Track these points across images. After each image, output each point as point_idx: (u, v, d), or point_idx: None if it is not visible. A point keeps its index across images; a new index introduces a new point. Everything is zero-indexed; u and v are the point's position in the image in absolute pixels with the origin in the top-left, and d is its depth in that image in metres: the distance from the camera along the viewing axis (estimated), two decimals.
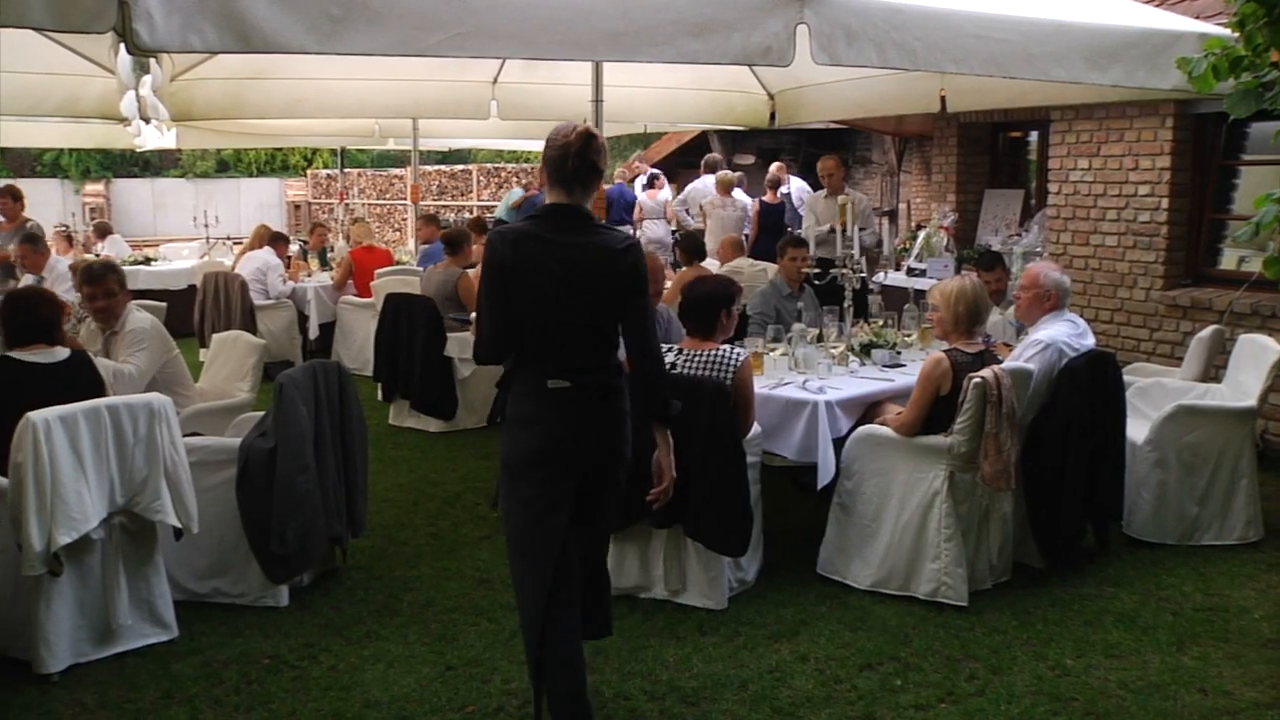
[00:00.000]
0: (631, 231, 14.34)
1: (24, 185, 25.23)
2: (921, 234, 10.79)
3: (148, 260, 13.64)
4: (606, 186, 7.93)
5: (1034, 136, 10.61)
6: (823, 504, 5.35)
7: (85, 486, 4.23)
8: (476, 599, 5.06)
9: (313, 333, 10.61)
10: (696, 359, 4.90)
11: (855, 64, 4.78)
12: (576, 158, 3.52)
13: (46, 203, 24.63)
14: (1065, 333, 5.44)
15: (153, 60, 7.09)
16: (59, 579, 4.25)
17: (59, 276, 8.86)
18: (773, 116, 9.10)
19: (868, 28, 4.71)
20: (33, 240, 9.10)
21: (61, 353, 4.71)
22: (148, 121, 9.02)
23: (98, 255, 12.21)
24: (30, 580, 4.19)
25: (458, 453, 7.62)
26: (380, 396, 8.56)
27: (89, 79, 7.27)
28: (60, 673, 4.28)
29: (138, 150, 18.46)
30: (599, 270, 3.53)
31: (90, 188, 28.32)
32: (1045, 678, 4.30)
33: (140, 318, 5.60)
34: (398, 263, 11.61)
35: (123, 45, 4.33)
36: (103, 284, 5.56)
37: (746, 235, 12.43)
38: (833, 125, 14.15)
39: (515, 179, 20.79)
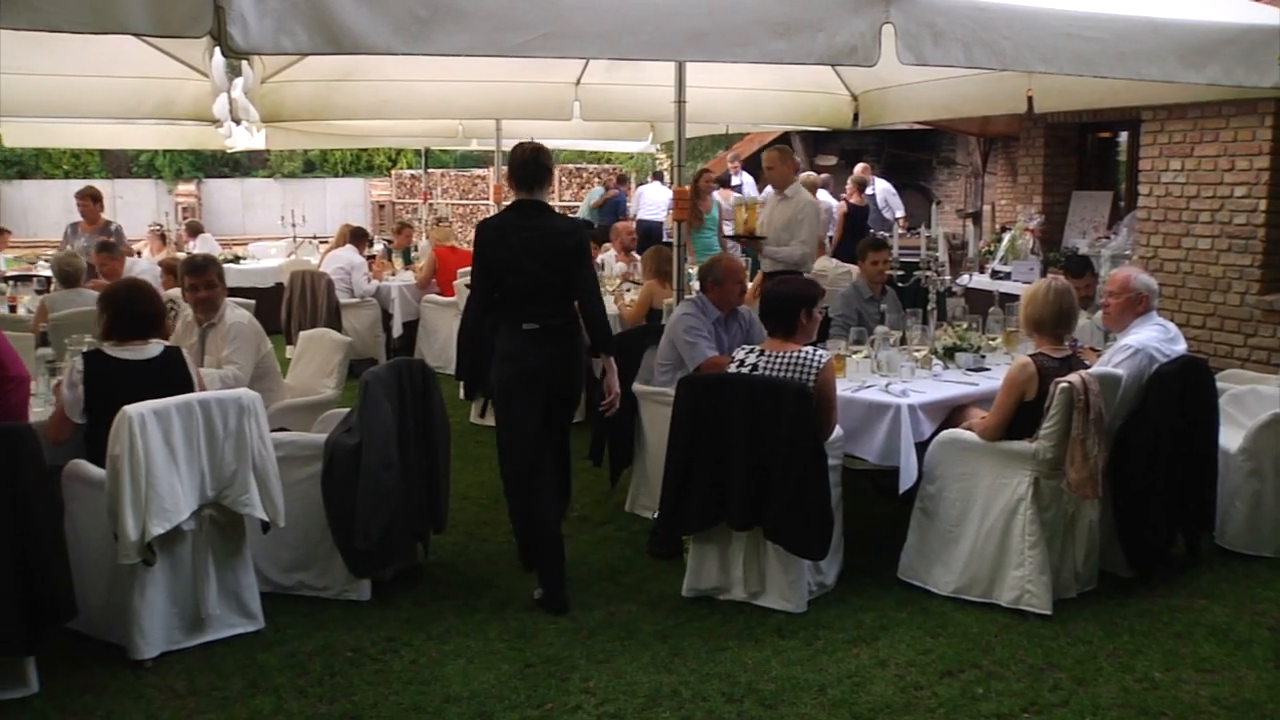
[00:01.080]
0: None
1: (120, 185, 25.98)
2: (1006, 236, 10.64)
3: (237, 259, 13.92)
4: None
5: (1124, 137, 10.41)
6: (904, 508, 5.29)
7: (177, 479, 4.34)
8: None
9: (396, 331, 10.75)
10: (778, 360, 4.88)
11: (942, 64, 4.71)
12: (533, 165, 5.11)
13: (142, 202, 25.33)
14: (1156, 338, 5.32)
15: (245, 63, 7.24)
16: (152, 568, 4.37)
17: (140, 274, 9.06)
18: (856, 117, 9.00)
19: (954, 27, 4.64)
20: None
21: (154, 349, 4.82)
22: (238, 123, 9.20)
23: (189, 254, 12.49)
24: (126, 569, 4.32)
25: None
26: (462, 395, 8.62)
27: (184, 82, 7.43)
28: (153, 659, 4.40)
29: (228, 151, 18.83)
30: (552, 246, 4.96)
31: (183, 188, 29.00)
32: (1132, 690, 4.21)
33: (238, 314, 5.71)
34: None
35: (217, 48, 4.44)
36: (204, 275, 5.68)
37: (830, 237, 12.35)
38: (916, 126, 14.00)
39: (597, 179, 20.86)
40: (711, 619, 4.84)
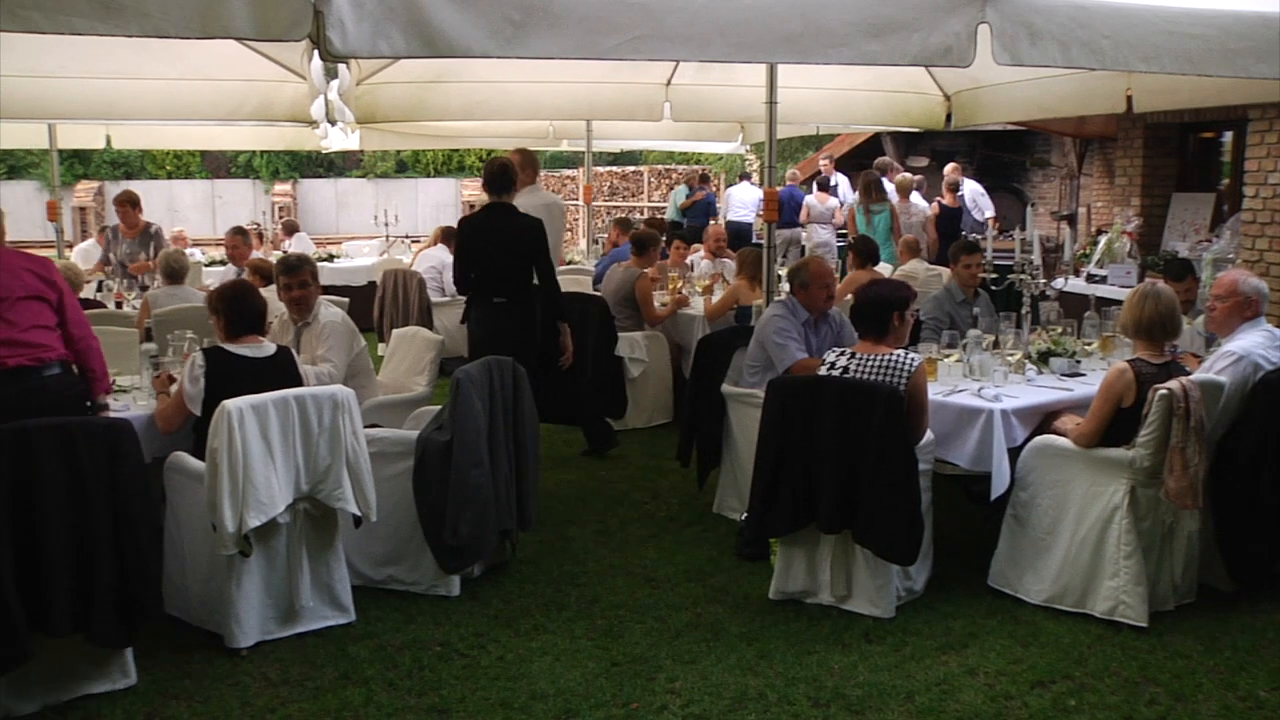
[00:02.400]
0: (801, 234, 14.25)
1: (220, 185, 26.57)
2: (1102, 239, 10.42)
3: (331, 257, 14.17)
4: (779, 189, 7.89)
5: (1228, 137, 10.13)
6: (995, 515, 5.21)
7: (273, 472, 4.44)
8: (642, 597, 5.10)
9: None
10: (869, 363, 4.84)
11: (1038, 64, 4.63)
12: (501, 175, 6.57)
13: (240, 202, 25.91)
14: (1261, 344, 5.17)
15: (342, 66, 7.38)
16: (248, 560, 4.47)
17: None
18: (948, 118, 8.90)
19: (1052, 26, 4.55)
20: (241, 233, 9.55)
21: (269, 347, 4.95)
22: (334, 124, 9.39)
23: (285, 252, 12.75)
24: (223, 560, 4.43)
25: (626, 451, 7.70)
26: None
27: (282, 85, 7.60)
28: (249, 648, 4.51)
29: (324, 152, 19.18)
30: (515, 238, 6.45)
31: (279, 188, 29.59)
32: (1235, 708, 4.09)
33: (332, 312, 5.81)
34: (569, 262, 11.79)
35: (316, 52, 4.53)
36: (299, 275, 5.78)
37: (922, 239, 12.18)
38: (1010, 126, 13.77)
39: (683, 179, 20.84)
40: (798, 622, 4.82)
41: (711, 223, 15.09)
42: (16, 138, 12.64)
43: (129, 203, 10.36)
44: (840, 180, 15.40)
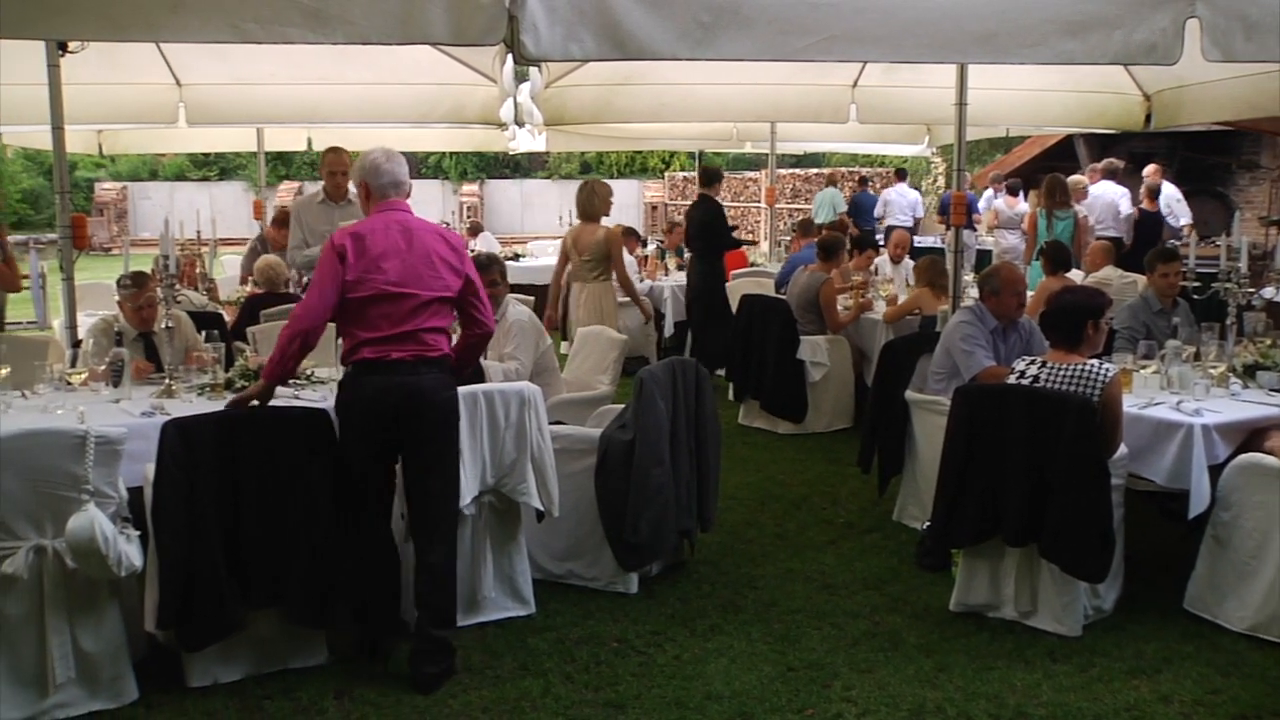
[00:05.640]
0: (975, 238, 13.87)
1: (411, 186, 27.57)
2: None
3: (516, 256, 14.49)
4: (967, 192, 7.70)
5: None
6: (1193, 534, 4.96)
7: (461, 465, 4.55)
8: (820, 602, 5.06)
9: (668, 330, 10.93)
10: (1060, 373, 4.68)
11: (1254, 59, 4.38)
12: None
13: (429, 201, 26.74)
14: None
15: (533, 69, 7.56)
16: None
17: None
18: (1148, 119, 8.53)
19: (1269, 18, 4.29)
20: None
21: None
22: (522, 126, 9.62)
23: (472, 252, 13.08)
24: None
25: (806, 455, 7.64)
26: (731, 396, 8.71)
27: (474, 88, 7.84)
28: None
29: (511, 153, 19.67)
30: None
31: (466, 188, 30.48)
32: None
33: (519, 310, 5.94)
34: (752, 264, 11.78)
35: (509, 56, 4.65)
36: (488, 274, 5.91)
37: (1121, 239, 11.66)
38: (1214, 126, 13.09)
39: (871, 183, 20.55)
40: (979, 636, 4.70)
41: (878, 225, 14.89)
42: (228, 141, 13.42)
43: (283, 222, 10.78)
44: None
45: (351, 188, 7.06)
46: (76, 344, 5.70)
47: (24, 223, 30.28)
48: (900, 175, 16.83)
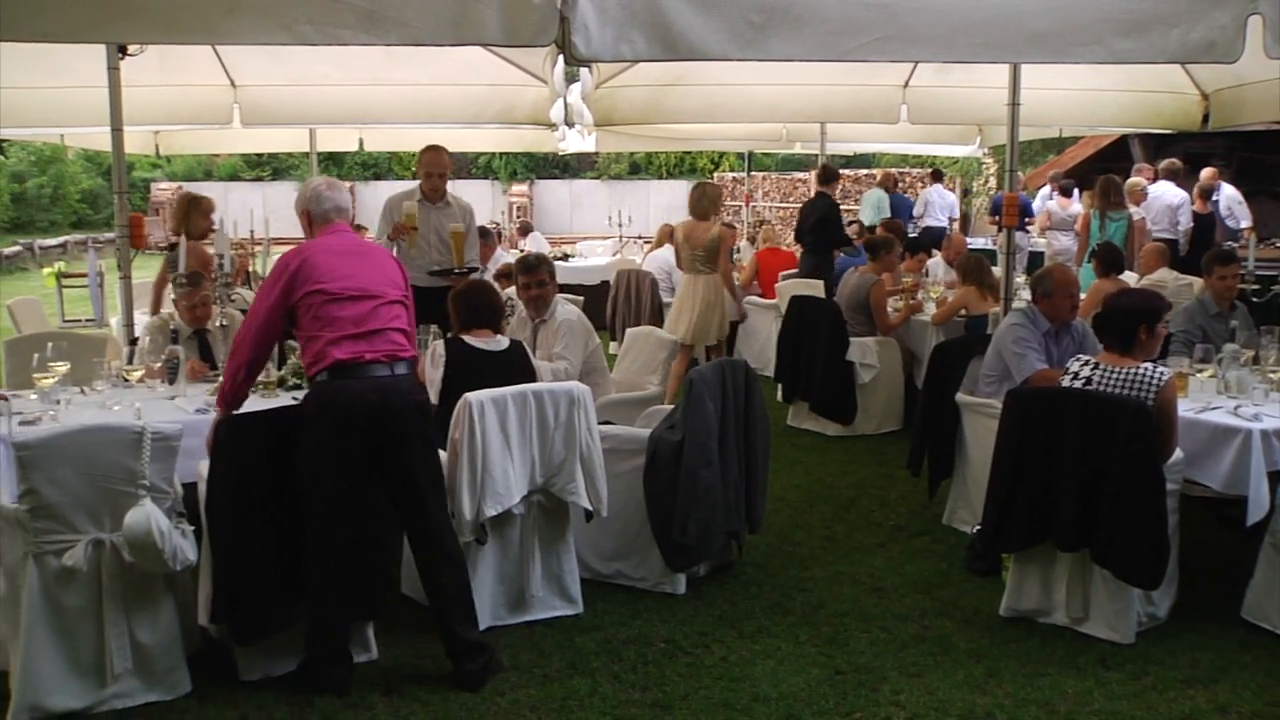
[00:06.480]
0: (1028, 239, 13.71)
1: (460, 186, 27.75)
2: None
3: (565, 256, 14.54)
4: (1020, 193, 7.63)
5: None
6: (1250, 542, 4.88)
7: (510, 464, 4.58)
8: (868, 606, 5.03)
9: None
10: (1114, 376, 4.63)
11: None
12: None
13: (479, 201, 26.73)
14: None
15: (583, 70, 7.58)
16: (483, 547, 4.63)
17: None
18: (1205, 118, 8.40)
19: None
20: (485, 233, 9.92)
21: (503, 341, 5.14)
22: (571, 126, 9.66)
23: (521, 252, 13.15)
24: (460, 547, 4.59)
25: (855, 457, 7.61)
26: (780, 397, 8.68)
27: (524, 89, 7.87)
28: (481, 632, 4.65)
29: (560, 154, 19.74)
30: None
31: (516, 188, 30.63)
32: None
33: (568, 310, 5.96)
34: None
35: (560, 56, 4.66)
36: (537, 274, 5.97)
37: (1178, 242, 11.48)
38: (1275, 126, 12.86)
39: (921, 183, 20.40)
40: (1030, 642, 4.65)
41: (937, 226, 14.75)
42: (281, 142, 13.57)
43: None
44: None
45: (449, 188, 7.16)
46: (133, 341, 5.80)
47: (83, 222, 30.89)
48: (936, 176, 16.66)
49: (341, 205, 4.48)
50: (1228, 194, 12.56)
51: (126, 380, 5.30)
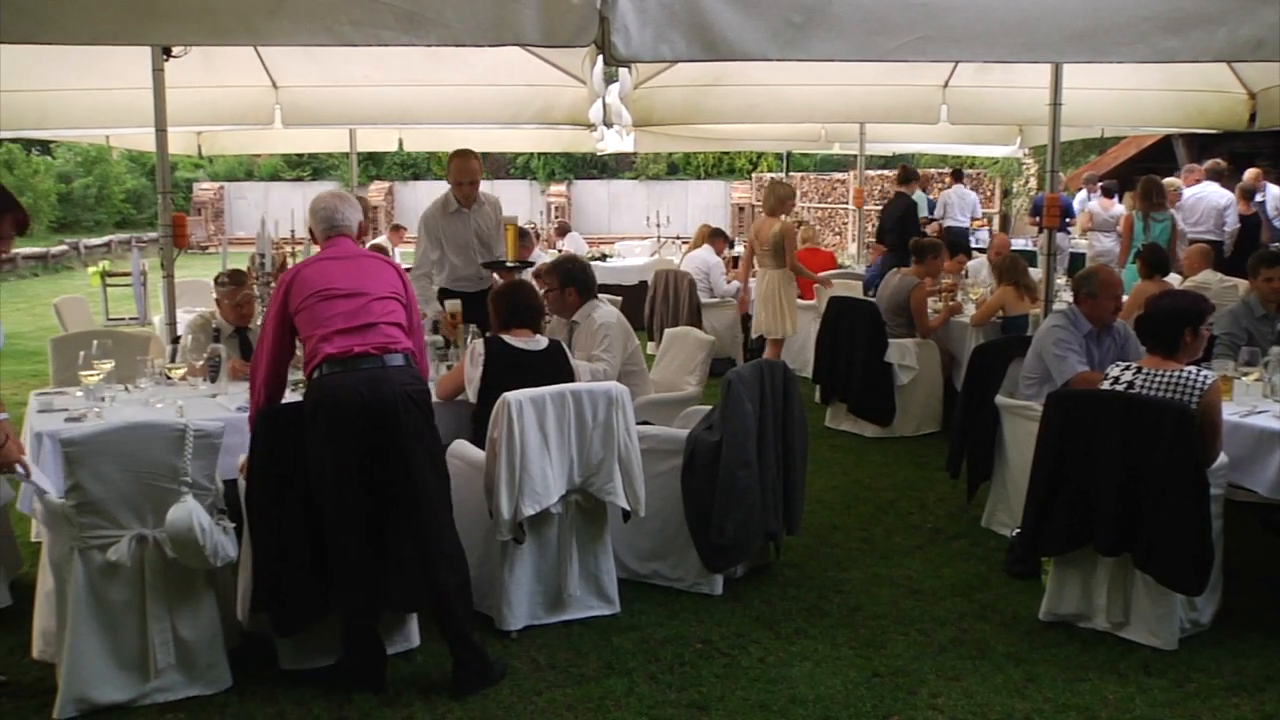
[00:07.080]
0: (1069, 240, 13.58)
1: (499, 186, 27.92)
2: None
3: (603, 257, 14.55)
4: (1061, 194, 7.56)
5: None
6: None
7: (549, 464, 4.59)
8: (906, 608, 5.01)
9: (754, 331, 10.91)
10: (1157, 379, 4.58)
11: None
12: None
13: (516, 201, 27.03)
14: None
15: (623, 70, 7.59)
16: (521, 547, 4.65)
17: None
18: (1252, 117, 8.29)
19: None
20: (524, 234, 9.95)
21: (541, 341, 5.16)
22: (610, 127, 9.68)
23: (559, 252, 13.19)
24: (497, 545, 4.63)
25: (893, 459, 7.58)
26: (818, 398, 8.65)
27: (563, 89, 7.88)
28: (517, 631, 4.69)
29: (598, 154, 19.78)
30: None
31: (554, 188, 30.73)
32: None
33: (607, 311, 5.96)
34: (840, 266, 11.71)
35: (599, 57, 4.67)
36: (544, 279, 6.00)
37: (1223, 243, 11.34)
38: None
39: (939, 184, 20.28)
40: (1070, 646, 4.61)
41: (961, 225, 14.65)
42: (321, 142, 13.70)
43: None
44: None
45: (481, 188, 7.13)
46: (176, 339, 5.86)
47: (127, 222, 31.28)
48: (957, 176, 16.53)
49: (340, 221, 4.51)
50: (1274, 194, 12.40)
51: (169, 378, 5.37)
